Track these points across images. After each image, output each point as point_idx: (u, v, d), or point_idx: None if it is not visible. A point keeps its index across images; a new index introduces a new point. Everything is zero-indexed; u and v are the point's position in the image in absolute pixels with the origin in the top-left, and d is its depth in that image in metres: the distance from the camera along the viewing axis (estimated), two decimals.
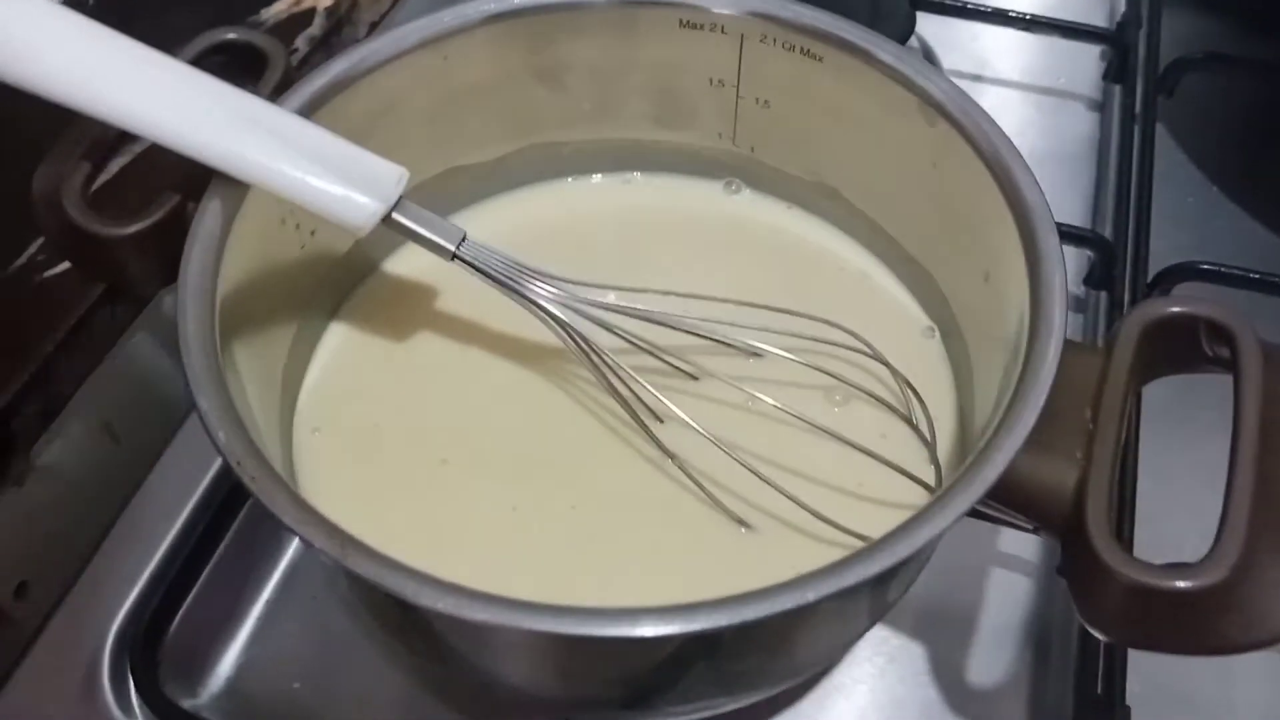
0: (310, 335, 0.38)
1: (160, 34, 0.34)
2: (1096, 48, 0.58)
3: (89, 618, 0.39)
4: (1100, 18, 0.60)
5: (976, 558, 0.41)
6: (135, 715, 0.37)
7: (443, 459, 0.35)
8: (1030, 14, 0.57)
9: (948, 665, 0.38)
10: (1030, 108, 0.57)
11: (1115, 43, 0.57)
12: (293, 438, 0.35)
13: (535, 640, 0.26)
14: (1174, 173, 0.53)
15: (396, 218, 0.31)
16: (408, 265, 0.40)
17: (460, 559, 0.32)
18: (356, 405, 0.36)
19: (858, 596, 0.28)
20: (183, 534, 0.40)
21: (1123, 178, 0.50)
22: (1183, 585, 0.25)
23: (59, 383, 0.40)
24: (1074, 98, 0.58)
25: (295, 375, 0.36)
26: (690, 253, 0.41)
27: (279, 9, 0.51)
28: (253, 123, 0.30)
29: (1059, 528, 0.28)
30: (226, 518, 0.40)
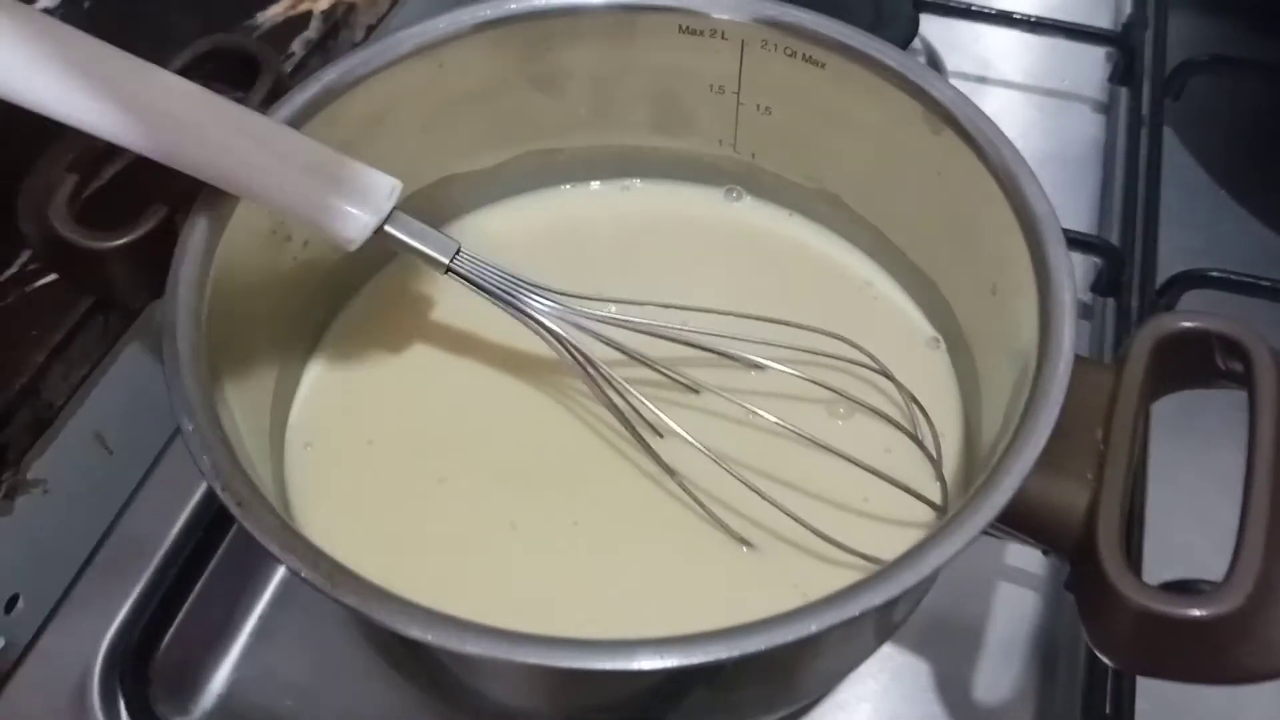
0: (302, 349, 0.37)
1: (156, 36, 0.34)
2: (1102, 50, 0.57)
3: (79, 633, 0.38)
4: (1106, 19, 0.60)
5: (982, 572, 0.40)
6: None
7: (439, 476, 0.34)
8: (1035, 16, 0.56)
9: (953, 682, 0.38)
10: (1035, 110, 0.57)
11: (1121, 45, 0.56)
12: (284, 453, 0.35)
13: (528, 670, 0.25)
14: (1181, 177, 0.52)
15: (389, 230, 0.31)
16: (402, 277, 0.39)
17: (458, 577, 0.32)
18: (350, 420, 0.36)
19: (862, 624, 0.27)
20: (175, 548, 0.40)
21: (1129, 182, 0.50)
22: (1197, 614, 0.24)
23: (50, 393, 0.39)
24: (1079, 100, 0.57)
25: (287, 389, 0.36)
26: (690, 260, 0.41)
27: (275, 12, 0.50)
28: (243, 134, 0.29)
29: (1070, 551, 0.27)
30: (219, 532, 0.40)
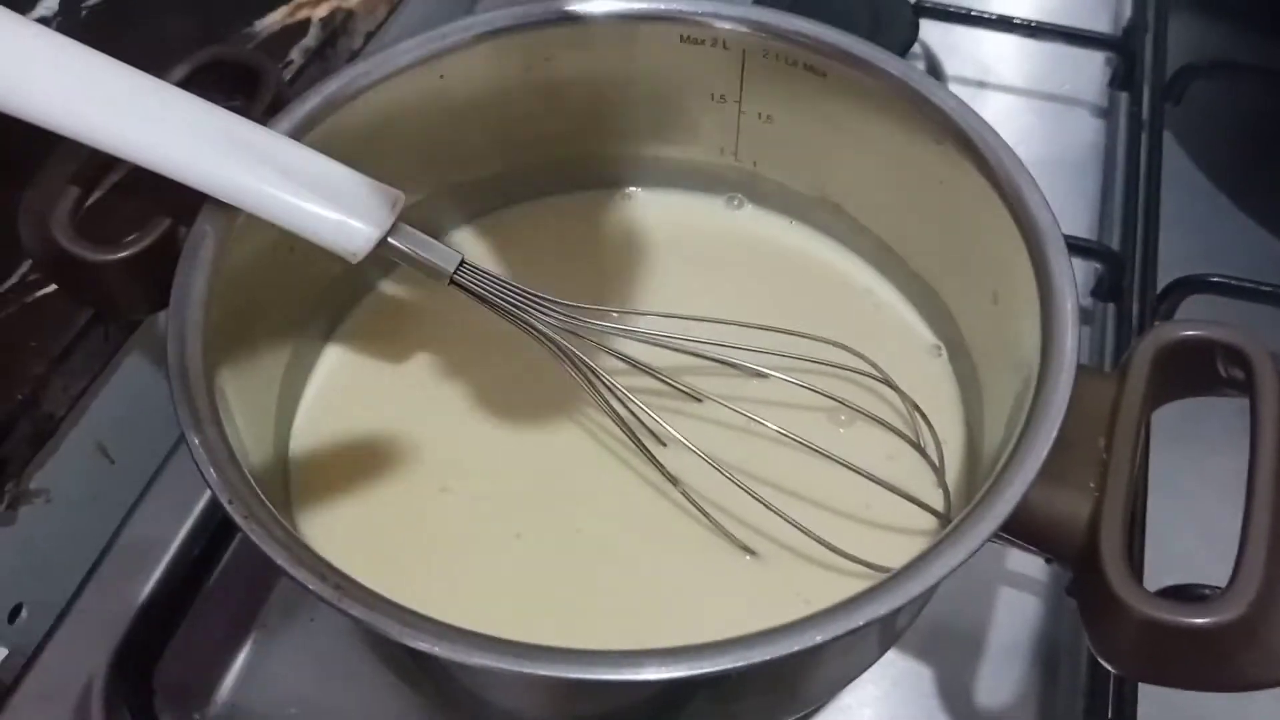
0: (305, 360, 0.37)
1: (153, 44, 0.34)
2: (1102, 54, 0.57)
3: (83, 643, 0.38)
4: (1106, 24, 0.60)
5: (984, 576, 0.40)
6: None
7: (442, 485, 0.34)
8: (1035, 20, 0.56)
9: (955, 687, 0.38)
10: (1035, 115, 0.57)
11: (1121, 49, 0.56)
12: (288, 464, 0.35)
13: (534, 680, 0.25)
14: (1181, 181, 0.52)
15: (392, 242, 0.30)
16: (404, 287, 0.39)
17: (462, 587, 0.32)
18: (353, 430, 0.36)
19: (866, 634, 0.27)
20: (178, 557, 0.40)
21: (1130, 187, 0.50)
22: (1200, 622, 0.25)
23: (51, 404, 0.39)
24: (1079, 105, 0.57)
25: (290, 401, 0.36)
26: (692, 269, 0.41)
27: (274, 20, 0.50)
28: (244, 147, 0.29)
29: (1073, 560, 0.27)
30: (222, 540, 0.40)
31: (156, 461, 0.43)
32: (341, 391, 0.37)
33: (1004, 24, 0.56)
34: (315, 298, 0.36)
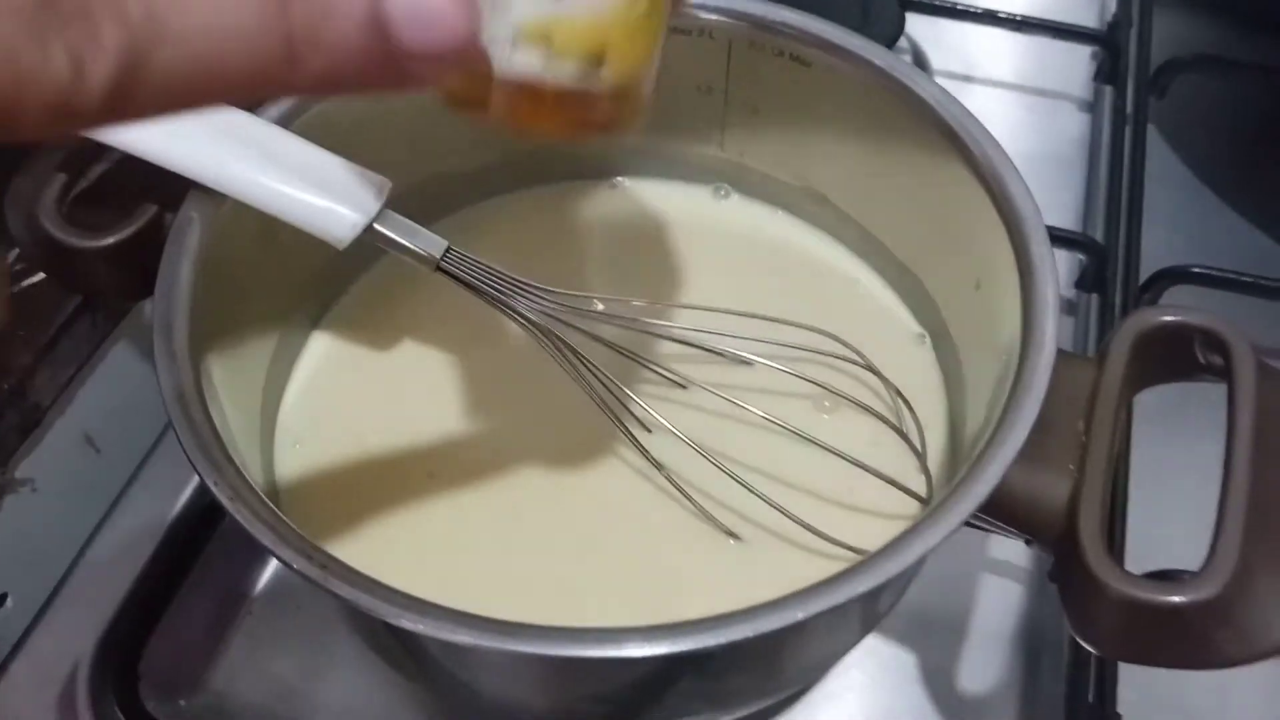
0: (291, 346, 0.37)
1: None
2: (1087, 48, 0.58)
3: (69, 631, 0.38)
4: (1091, 18, 0.60)
5: (967, 564, 0.40)
6: None
7: (429, 471, 0.34)
8: (1020, 15, 0.56)
9: (939, 672, 0.38)
10: (1021, 109, 0.57)
11: (1106, 43, 0.56)
12: (274, 451, 0.35)
13: (520, 659, 0.26)
14: (1165, 174, 0.53)
15: (378, 229, 0.31)
16: (391, 275, 0.39)
17: (448, 571, 0.32)
18: (339, 417, 0.36)
19: (848, 612, 0.27)
20: (164, 545, 0.40)
21: (1114, 180, 0.50)
22: (1177, 600, 0.25)
23: (37, 394, 0.39)
24: (1065, 99, 0.57)
25: (276, 388, 0.36)
26: (678, 258, 0.41)
27: None
28: (230, 133, 0.29)
29: (1052, 541, 0.27)
30: (208, 529, 0.40)
31: (142, 451, 0.43)
32: (328, 378, 0.37)
33: (990, 18, 0.56)
34: (302, 285, 0.36)
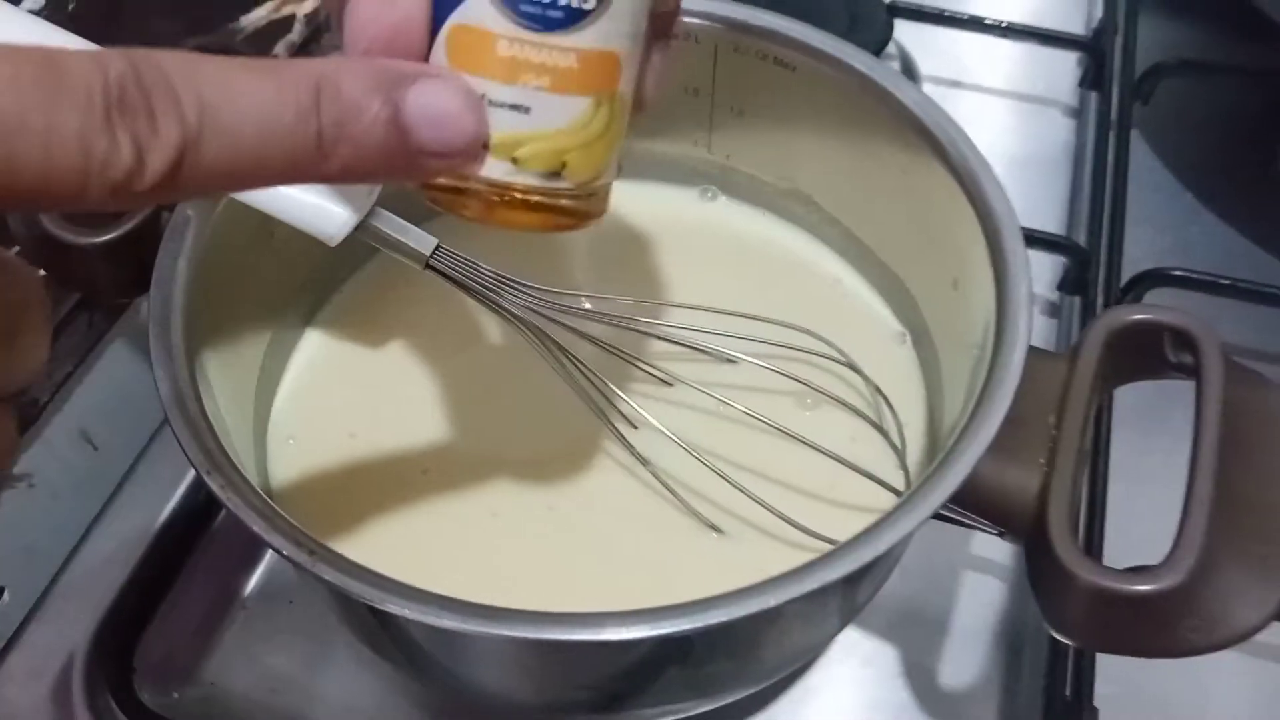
0: (285, 343, 0.38)
1: (139, 39, 0.34)
2: (1073, 55, 0.59)
3: (65, 624, 0.39)
4: (1077, 25, 0.61)
5: (949, 561, 0.41)
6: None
7: (421, 467, 0.35)
8: (1007, 21, 0.57)
9: (920, 667, 0.39)
10: (1008, 114, 0.58)
11: (1091, 50, 0.57)
12: (267, 447, 0.35)
13: (504, 645, 0.26)
14: (1149, 179, 0.54)
15: (369, 226, 0.31)
16: (383, 273, 0.40)
17: (437, 565, 0.32)
18: (332, 414, 0.36)
19: (825, 600, 0.28)
20: (159, 540, 0.40)
21: (1098, 184, 0.51)
22: (1142, 589, 0.26)
23: (35, 390, 0.40)
24: (1051, 104, 0.58)
25: (269, 384, 0.36)
26: (666, 259, 0.41)
27: (258, 16, 0.50)
28: None
29: (1022, 532, 0.28)
30: (203, 525, 0.40)
31: (138, 448, 0.44)
32: (321, 375, 0.38)
33: (977, 24, 0.57)
34: (296, 283, 0.37)
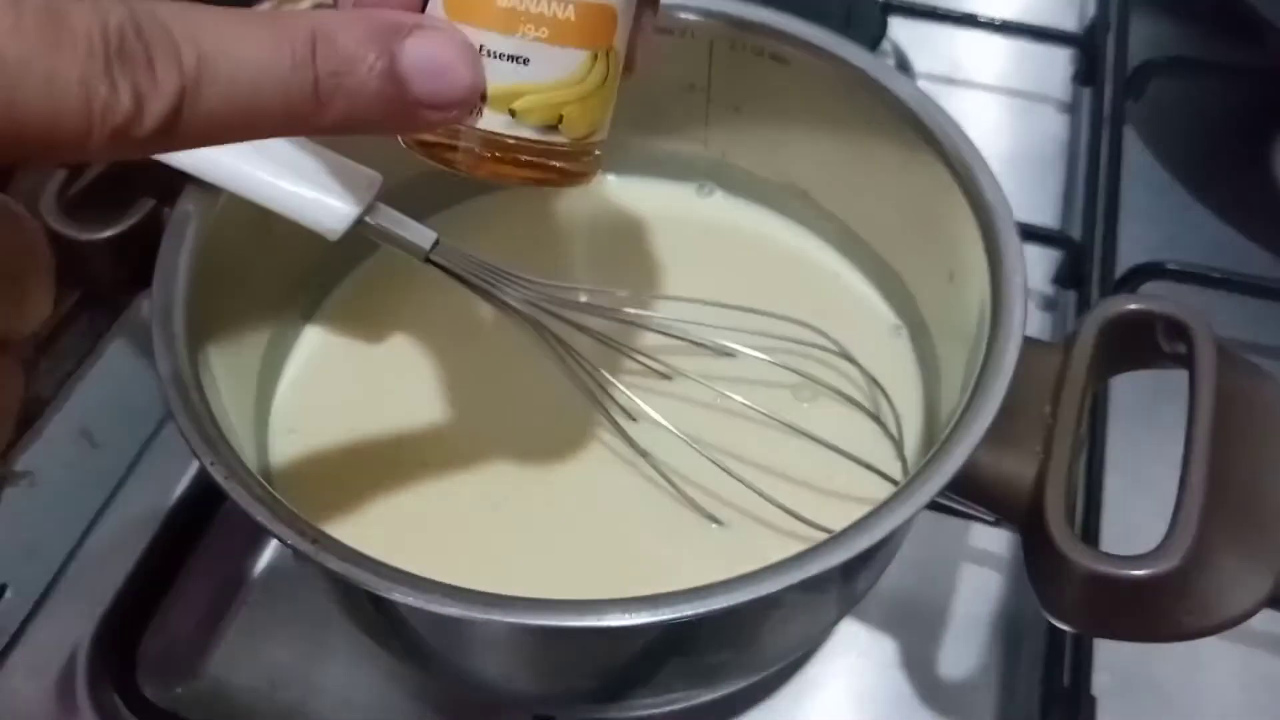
0: (285, 337, 0.38)
1: None
2: (1066, 51, 0.59)
3: (67, 620, 0.39)
4: (1070, 22, 0.61)
5: (947, 553, 0.41)
6: (113, 715, 0.37)
7: (421, 460, 0.35)
8: (1001, 18, 0.58)
9: (919, 659, 0.39)
10: (1002, 110, 0.58)
11: (1084, 46, 0.58)
12: (268, 440, 0.36)
13: (507, 633, 0.27)
14: (1142, 174, 0.54)
15: (369, 221, 0.31)
16: (383, 268, 0.40)
17: (437, 557, 0.32)
18: (332, 407, 0.37)
19: (823, 588, 0.28)
20: (160, 536, 0.40)
21: (1092, 179, 0.51)
22: (1136, 573, 0.26)
23: (36, 388, 0.40)
24: (1045, 100, 0.58)
25: (270, 377, 0.37)
26: (663, 254, 0.42)
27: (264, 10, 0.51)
28: None
29: (1019, 519, 0.28)
30: (203, 521, 0.41)
31: (139, 445, 0.44)
32: (321, 369, 0.38)
33: (971, 21, 0.57)
34: (296, 278, 0.37)
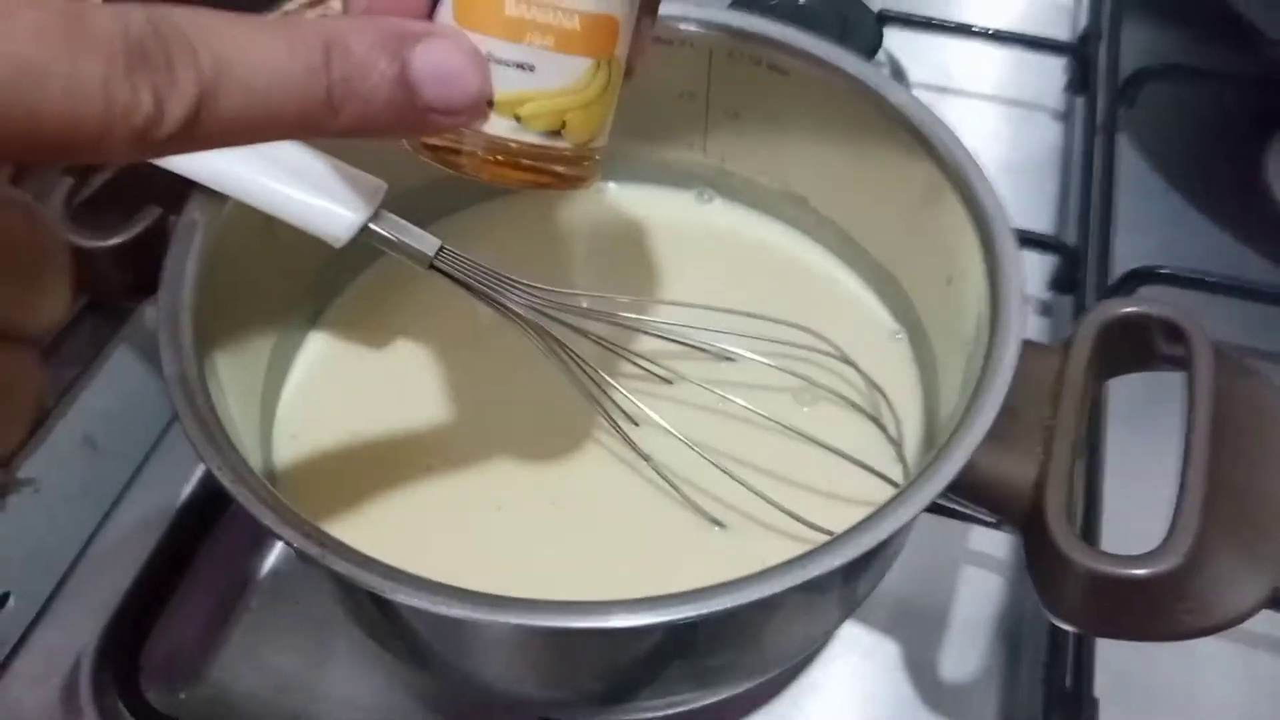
0: (290, 343, 0.38)
1: None
2: (1060, 60, 0.60)
3: (71, 625, 0.39)
4: (1063, 31, 0.62)
5: (948, 555, 0.41)
6: None
7: (425, 464, 0.35)
8: (995, 28, 0.58)
9: (921, 661, 0.39)
10: (997, 119, 0.59)
11: (1077, 55, 0.58)
12: (272, 444, 0.36)
13: (512, 635, 0.27)
14: (1136, 180, 0.55)
15: (374, 228, 0.32)
16: (386, 276, 0.40)
17: (441, 561, 0.33)
18: (336, 412, 0.37)
19: (825, 590, 0.28)
20: (164, 543, 0.40)
21: (1086, 185, 0.52)
22: (1137, 573, 0.26)
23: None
24: (1039, 109, 0.59)
25: (275, 383, 0.37)
26: (664, 260, 0.42)
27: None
28: None
29: (1020, 521, 0.29)
30: (207, 527, 0.41)
31: (142, 452, 0.44)
32: (325, 374, 0.38)
33: (965, 31, 0.58)
34: (301, 284, 0.37)
